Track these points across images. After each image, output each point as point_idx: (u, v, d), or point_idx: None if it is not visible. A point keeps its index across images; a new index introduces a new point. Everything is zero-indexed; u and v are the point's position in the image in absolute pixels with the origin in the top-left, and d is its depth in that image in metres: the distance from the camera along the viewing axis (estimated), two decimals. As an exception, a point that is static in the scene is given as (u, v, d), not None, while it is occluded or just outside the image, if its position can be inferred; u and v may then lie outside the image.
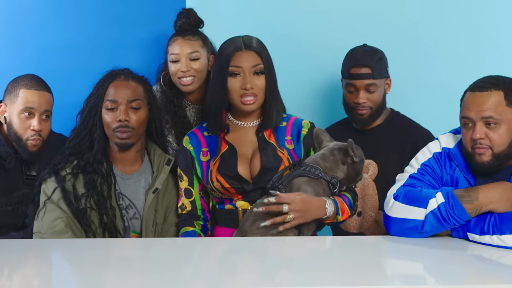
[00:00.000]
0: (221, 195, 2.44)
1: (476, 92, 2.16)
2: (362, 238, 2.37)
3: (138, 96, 2.48)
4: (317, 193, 2.34)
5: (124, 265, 1.96)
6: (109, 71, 2.55)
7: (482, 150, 2.15)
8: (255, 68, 2.38)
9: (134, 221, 2.49)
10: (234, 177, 2.40)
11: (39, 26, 3.15)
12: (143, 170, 2.56)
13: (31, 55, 3.15)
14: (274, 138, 2.46)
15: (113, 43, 3.17)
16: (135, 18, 3.20)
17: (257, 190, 2.41)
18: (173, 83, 2.90)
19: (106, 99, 2.46)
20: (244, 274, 1.88)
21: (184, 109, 2.90)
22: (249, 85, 2.36)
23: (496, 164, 2.15)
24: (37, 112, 2.59)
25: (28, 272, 1.90)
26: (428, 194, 2.17)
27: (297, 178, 2.35)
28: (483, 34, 3.17)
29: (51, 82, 2.72)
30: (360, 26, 3.19)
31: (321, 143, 2.44)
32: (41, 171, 2.58)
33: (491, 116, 2.13)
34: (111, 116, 2.45)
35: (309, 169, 2.35)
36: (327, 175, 2.36)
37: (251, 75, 2.38)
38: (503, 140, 2.13)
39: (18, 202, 2.62)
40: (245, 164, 2.43)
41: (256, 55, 2.39)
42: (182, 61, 2.83)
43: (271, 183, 2.35)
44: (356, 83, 2.76)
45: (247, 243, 2.21)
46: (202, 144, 2.49)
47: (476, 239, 2.12)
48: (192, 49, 2.84)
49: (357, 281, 1.78)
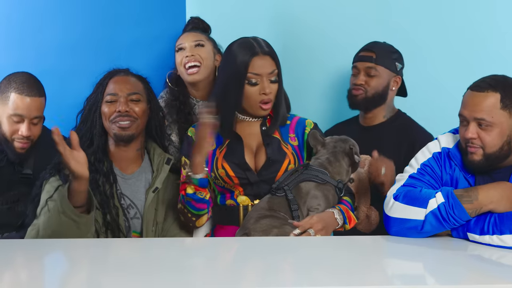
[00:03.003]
0: (224, 184, 2.44)
1: (473, 92, 2.17)
2: (362, 238, 2.37)
3: (138, 91, 2.49)
4: (326, 198, 2.36)
5: (125, 266, 1.96)
6: (109, 70, 2.56)
7: (473, 149, 2.16)
8: (272, 74, 2.40)
9: (135, 221, 2.49)
10: (240, 165, 2.41)
11: (38, 25, 3.14)
12: (143, 169, 2.55)
13: (29, 54, 3.14)
14: (279, 133, 2.48)
15: (112, 43, 3.17)
16: (135, 18, 3.20)
17: (261, 183, 2.42)
18: (179, 82, 2.90)
19: (106, 94, 2.47)
20: (246, 274, 1.88)
21: (193, 107, 2.90)
22: (268, 90, 2.38)
23: (486, 164, 2.16)
24: (27, 118, 2.57)
25: (28, 272, 1.89)
26: (428, 194, 2.16)
27: (304, 182, 2.35)
28: (483, 34, 3.17)
29: (50, 81, 2.72)
30: (366, 27, 3.21)
31: (317, 145, 2.46)
32: (36, 169, 2.58)
33: (483, 118, 2.13)
34: (110, 108, 2.46)
35: (316, 173, 2.37)
36: (334, 180, 2.38)
37: (268, 82, 2.39)
38: (493, 142, 2.14)
39: (14, 201, 2.61)
40: (250, 155, 2.45)
41: (271, 60, 2.40)
42: (187, 47, 2.86)
43: (277, 184, 2.35)
44: (358, 65, 2.84)
45: (249, 243, 2.21)
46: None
47: (476, 239, 2.12)
48: (197, 38, 2.88)
49: (357, 281, 1.78)
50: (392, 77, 2.83)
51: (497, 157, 2.15)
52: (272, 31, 3.12)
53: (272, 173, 2.42)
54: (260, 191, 2.43)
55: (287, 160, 2.44)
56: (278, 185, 2.36)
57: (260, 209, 2.35)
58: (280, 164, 2.42)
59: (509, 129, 2.14)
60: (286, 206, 2.34)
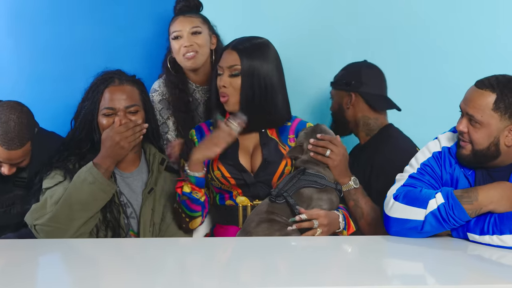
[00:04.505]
0: (220, 185, 2.43)
1: (474, 87, 2.18)
2: (362, 238, 2.36)
3: (135, 102, 2.48)
4: (330, 201, 2.37)
5: (125, 266, 1.95)
6: (101, 74, 2.53)
7: (463, 143, 2.19)
8: (232, 69, 2.39)
9: (131, 220, 2.49)
10: (235, 166, 2.40)
11: (34, 28, 3.15)
12: (140, 169, 2.55)
13: (28, 56, 3.15)
14: (277, 135, 2.47)
15: (110, 43, 3.17)
16: (133, 18, 3.20)
17: (258, 184, 2.41)
18: (178, 68, 2.90)
19: (102, 107, 2.45)
20: (244, 274, 1.87)
21: (191, 93, 2.90)
22: (222, 83, 2.40)
23: (474, 160, 2.18)
24: (9, 163, 2.52)
25: (26, 272, 1.88)
26: (428, 194, 2.16)
27: (303, 189, 2.36)
28: (484, 34, 3.18)
29: (45, 83, 2.70)
30: (367, 27, 3.21)
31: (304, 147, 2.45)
32: (31, 171, 2.57)
33: (473, 115, 2.14)
34: (109, 121, 2.45)
35: (315, 178, 2.37)
36: (332, 183, 2.38)
37: (227, 75, 2.39)
38: (480, 141, 2.15)
39: (9, 204, 2.61)
40: (247, 156, 2.45)
41: (237, 55, 2.39)
42: (184, 36, 2.86)
43: (277, 190, 2.35)
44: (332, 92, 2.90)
45: (249, 243, 2.21)
46: (207, 136, 2.49)
47: (476, 239, 2.11)
48: (193, 25, 2.87)
49: (357, 281, 1.78)
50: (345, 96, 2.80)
51: (485, 156, 2.16)
52: (277, 34, 3.10)
53: (269, 174, 2.42)
54: (258, 192, 2.42)
55: (284, 161, 2.43)
56: (278, 192, 2.35)
57: (261, 212, 2.34)
58: (277, 165, 2.42)
59: (497, 131, 2.13)
60: (288, 210, 2.33)
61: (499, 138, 2.13)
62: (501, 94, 2.12)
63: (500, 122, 2.13)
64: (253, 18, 3.22)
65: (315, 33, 3.23)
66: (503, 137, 2.13)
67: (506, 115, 2.12)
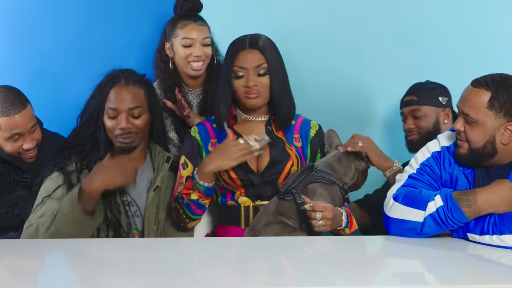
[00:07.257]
0: (226, 185, 2.44)
1: (470, 86, 2.18)
2: (362, 238, 2.37)
3: (139, 103, 2.47)
4: (333, 198, 2.36)
5: (126, 266, 1.95)
6: (110, 72, 2.53)
7: (461, 142, 2.19)
8: (259, 68, 2.38)
9: (135, 219, 2.49)
10: (242, 167, 2.40)
11: (34, 26, 3.14)
12: (145, 168, 2.56)
13: (27, 55, 3.15)
14: (283, 134, 2.48)
15: (108, 43, 3.17)
16: (133, 18, 3.20)
17: (263, 184, 2.41)
18: (173, 70, 2.89)
19: (107, 107, 2.46)
20: (248, 274, 1.87)
21: (184, 96, 2.91)
22: (251, 83, 2.37)
23: (471, 159, 2.18)
24: (25, 132, 2.56)
25: (27, 272, 1.89)
26: (427, 196, 2.16)
27: (311, 184, 2.35)
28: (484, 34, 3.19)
29: (47, 82, 2.70)
30: (368, 27, 3.21)
31: (332, 144, 2.48)
32: (34, 172, 2.57)
33: (468, 114, 2.15)
34: (112, 123, 2.46)
35: (323, 174, 2.37)
36: (340, 181, 2.38)
37: (255, 75, 2.38)
38: (476, 139, 2.15)
39: (12, 205, 2.61)
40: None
41: (260, 54, 2.39)
42: (197, 46, 2.85)
43: (285, 187, 2.34)
44: (404, 111, 2.91)
45: (251, 243, 2.21)
46: (211, 135, 2.50)
47: (476, 239, 2.11)
48: (205, 35, 2.88)
49: (357, 280, 1.78)
50: (440, 112, 2.85)
51: (481, 154, 2.16)
52: (281, 31, 3.11)
53: (275, 174, 2.42)
54: (261, 192, 2.42)
55: (290, 161, 2.43)
56: (286, 189, 2.34)
57: (270, 213, 2.33)
58: (284, 165, 2.42)
59: (493, 129, 2.13)
60: (295, 210, 2.32)
61: (495, 137, 2.14)
62: (496, 92, 2.12)
63: (495, 120, 2.13)
64: (243, 15, 3.23)
65: (309, 30, 3.24)
66: (499, 135, 2.14)
67: (501, 113, 2.12)
